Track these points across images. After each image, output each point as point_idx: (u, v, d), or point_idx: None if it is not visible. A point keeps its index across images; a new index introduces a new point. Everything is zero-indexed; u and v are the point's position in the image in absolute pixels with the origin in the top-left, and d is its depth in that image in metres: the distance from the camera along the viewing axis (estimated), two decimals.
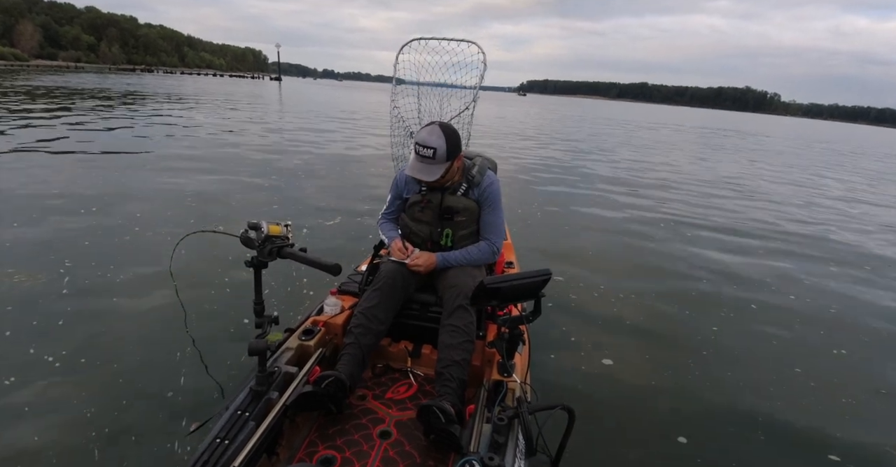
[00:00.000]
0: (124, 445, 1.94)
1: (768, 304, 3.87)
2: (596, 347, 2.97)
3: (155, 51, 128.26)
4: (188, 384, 2.31)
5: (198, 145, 9.63)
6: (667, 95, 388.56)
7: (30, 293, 3.10)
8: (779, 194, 9.28)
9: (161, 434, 2.00)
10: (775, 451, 2.20)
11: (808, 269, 4.83)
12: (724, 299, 3.88)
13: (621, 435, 2.22)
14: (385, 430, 1.67)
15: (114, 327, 2.80)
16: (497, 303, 1.64)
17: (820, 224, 7.03)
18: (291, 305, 3.15)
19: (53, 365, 2.41)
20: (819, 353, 3.17)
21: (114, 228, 4.38)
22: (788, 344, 3.24)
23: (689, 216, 6.74)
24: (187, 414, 2.09)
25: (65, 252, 3.75)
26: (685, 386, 2.66)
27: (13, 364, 2.39)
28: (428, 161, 1.88)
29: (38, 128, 10.04)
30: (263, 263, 1.48)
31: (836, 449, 2.24)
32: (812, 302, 4.00)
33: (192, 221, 4.74)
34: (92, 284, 3.29)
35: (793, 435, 2.32)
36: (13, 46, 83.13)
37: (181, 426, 2.02)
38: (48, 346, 2.54)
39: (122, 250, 3.92)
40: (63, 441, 1.94)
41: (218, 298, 3.21)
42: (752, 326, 3.44)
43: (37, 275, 3.33)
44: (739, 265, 4.76)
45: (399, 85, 3.16)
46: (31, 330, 2.71)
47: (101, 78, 42.32)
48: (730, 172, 11.96)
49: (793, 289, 4.26)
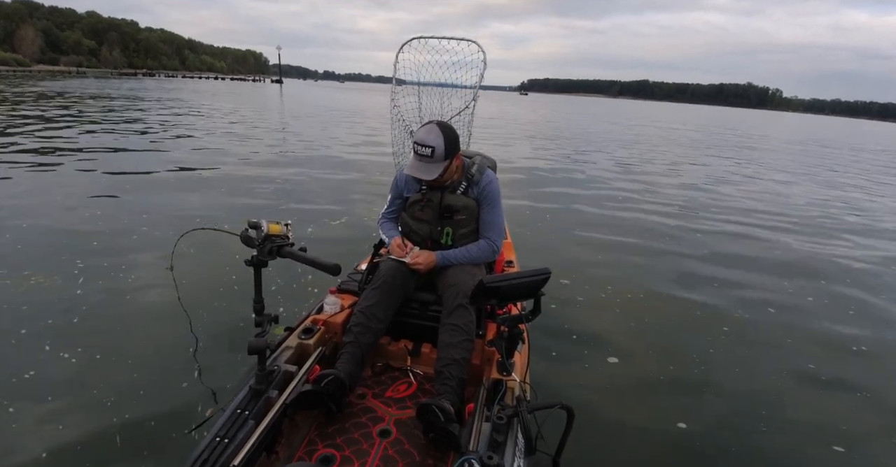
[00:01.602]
0: (124, 445, 1.95)
1: (782, 307, 3.77)
2: (596, 346, 2.96)
3: (156, 54, 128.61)
4: (188, 383, 2.32)
5: (200, 146, 9.68)
6: (668, 92, 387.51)
7: (46, 293, 3.16)
8: (799, 196, 9.08)
9: (161, 432, 2.01)
10: (777, 455, 2.18)
11: (831, 273, 4.72)
12: (728, 301, 3.82)
13: (621, 435, 2.21)
14: (384, 429, 1.68)
15: (119, 326, 2.82)
16: (496, 302, 1.64)
17: (833, 217, 7.01)
18: (291, 304, 3.16)
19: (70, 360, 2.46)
20: (833, 356, 3.11)
21: (122, 229, 4.47)
22: (801, 345, 3.19)
23: (698, 216, 6.70)
24: (187, 413, 2.10)
25: (77, 253, 3.82)
26: (686, 386, 2.65)
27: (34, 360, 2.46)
28: (426, 160, 1.88)
29: (46, 132, 10.09)
30: (263, 262, 1.48)
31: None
32: (831, 306, 3.91)
33: (197, 220, 4.83)
34: (105, 285, 3.33)
35: (800, 439, 2.29)
36: (15, 52, 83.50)
37: (181, 424, 2.03)
38: (63, 343, 2.59)
39: (130, 249, 3.98)
40: (61, 438, 1.96)
41: (219, 297, 3.21)
42: (760, 330, 3.37)
43: (52, 276, 3.41)
44: (748, 267, 4.69)
45: (399, 85, 3.16)
46: (48, 328, 2.77)
47: (103, 82, 42.45)
48: (732, 172, 11.93)
49: (811, 290, 4.19)
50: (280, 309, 3.09)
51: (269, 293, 3.20)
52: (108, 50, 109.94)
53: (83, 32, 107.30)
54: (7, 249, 3.84)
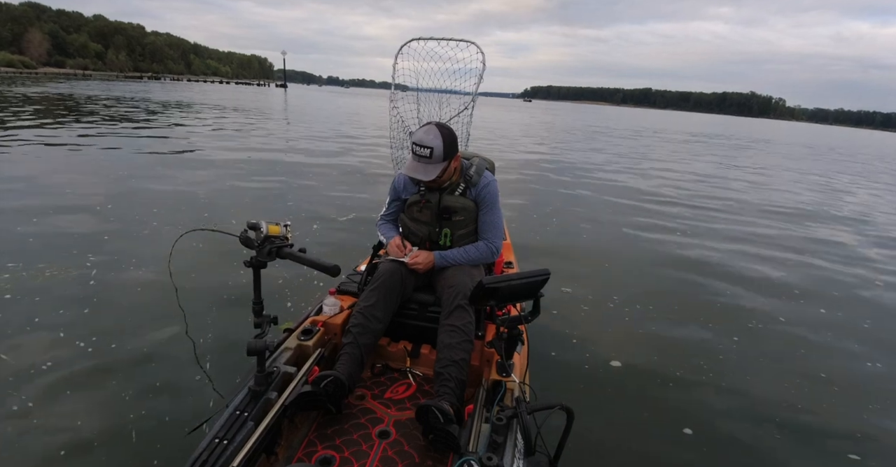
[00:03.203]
0: (123, 444, 1.95)
1: (789, 310, 3.76)
2: (596, 347, 2.95)
3: (161, 58, 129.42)
4: (187, 384, 2.32)
5: (203, 147, 9.72)
6: (671, 101, 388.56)
7: (61, 285, 3.26)
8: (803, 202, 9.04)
9: (159, 433, 2.01)
10: (777, 456, 2.17)
11: (835, 276, 4.71)
12: (733, 302, 3.83)
13: (620, 436, 2.21)
14: (384, 430, 1.67)
15: (118, 326, 2.82)
16: (496, 303, 1.64)
17: (833, 221, 7.00)
18: (291, 305, 3.16)
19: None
20: (844, 359, 3.10)
21: (132, 225, 4.56)
22: (811, 348, 3.18)
23: (701, 220, 6.70)
24: (186, 414, 2.10)
25: (88, 247, 3.91)
26: (686, 387, 2.65)
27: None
28: (425, 161, 1.89)
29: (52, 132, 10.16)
30: (262, 263, 1.48)
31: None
32: (841, 310, 3.90)
33: (206, 215, 4.94)
34: (105, 285, 3.35)
35: (802, 443, 2.28)
36: (22, 54, 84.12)
37: (180, 425, 2.02)
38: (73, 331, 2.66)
39: (139, 245, 4.05)
40: (61, 437, 1.96)
41: (218, 297, 3.22)
42: (766, 335, 3.34)
43: (68, 269, 3.50)
44: (753, 268, 4.70)
45: (400, 90, 3.18)
46: (60, 317, 2.85)
47: (108, 85, 42.71)
48: (741, 175, 11.93)
49: (817, 294, 4.18)
50: (291, 308, 3.12)
51: (269, 294, 3.20)
52: (115, 53, 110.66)
53: (90, 36, 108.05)
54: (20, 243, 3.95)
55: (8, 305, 2.98)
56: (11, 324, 2.78)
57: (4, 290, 3.14)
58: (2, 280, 3.27)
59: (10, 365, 2.41)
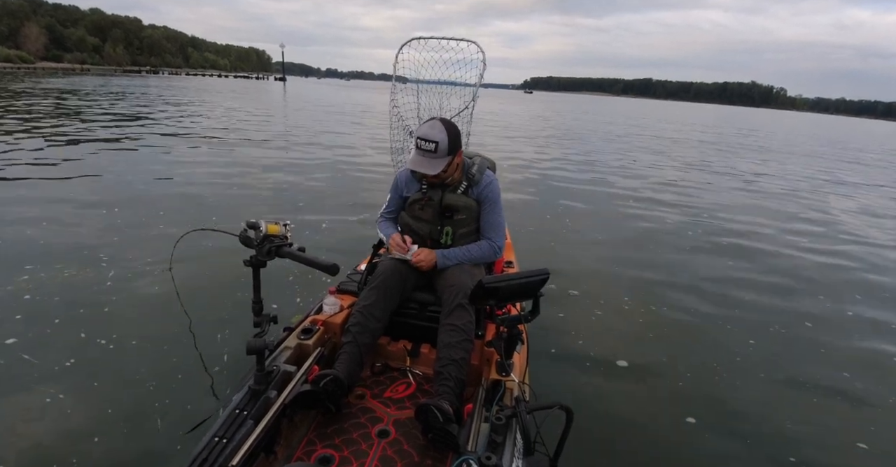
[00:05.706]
0: (123, 441, 1.96)
1: (791, 312, 3.70)
2: (595, 347, 2.95)
3: (159, 52, 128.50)
4: (187, 383, 2.32)
5: (205, 146, 9.69)
6: (671, 91, 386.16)
7: (78, 285, 3.30)
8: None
9: (159, 432, 2.01)
10: (779, 457, 2.16)
11: (841, 274, 4.64)
12: (735, 303, 3.77)
13: (620, 436, 2.21)
14: (383, 429, 1.68)
15: (117, 327, 2.82)
16: (496, 303, 1.64)
17: (817, 222, 6.96)
18: (290, 304, 3.16)
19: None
20: (847, 360, 3.05)
21: (140, 225, 4.59)
22: (810, 354, 3.11)
23: (704, 220, 6.62)
24: (186, 413, 2.11)
25: (100, 248, 3.94)
26: (686, 389, 2.63)
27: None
28: (430, 155, 1.89)
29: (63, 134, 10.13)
30: (262, 262, 1.48)
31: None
32: (846, 309, 3.85)
33: (213, 218, 4.93)
34: (106, 285, 3.35)
35: (805, 445, 2.26)
36: (19, 49, 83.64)
37: (180, 424, 2.03)
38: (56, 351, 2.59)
39: (149, 245, 4.07)
40: (59, 437, 1.96)
41: (219, 297, 3.21)
42: (771, 337, 3.29)
43: (85, 269, 3.54)
44: (756, 269, 4.64)
45: (399, 83, 3.15)
46: (78, 317, 2.89)
47: (106, 80, 42.52)
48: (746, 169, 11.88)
49: (823, 291, 4.13)
50: (293, 308, 3.12)
51: (268, 293, 3.20)
52: (112, 47, 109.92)
53: (87, 30, 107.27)
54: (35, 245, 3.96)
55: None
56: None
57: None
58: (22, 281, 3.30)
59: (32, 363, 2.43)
